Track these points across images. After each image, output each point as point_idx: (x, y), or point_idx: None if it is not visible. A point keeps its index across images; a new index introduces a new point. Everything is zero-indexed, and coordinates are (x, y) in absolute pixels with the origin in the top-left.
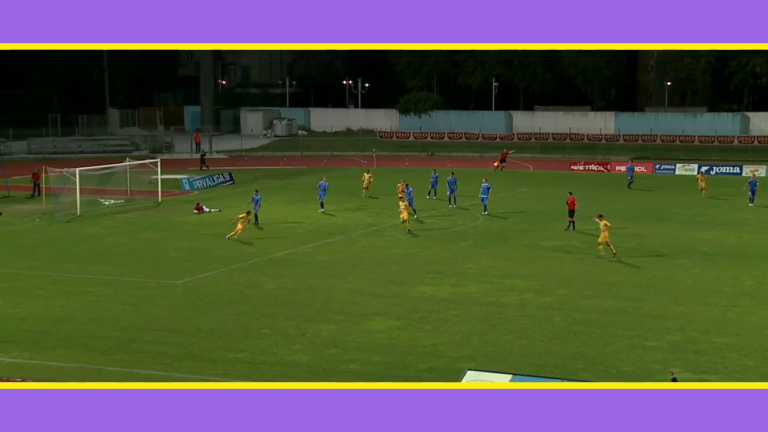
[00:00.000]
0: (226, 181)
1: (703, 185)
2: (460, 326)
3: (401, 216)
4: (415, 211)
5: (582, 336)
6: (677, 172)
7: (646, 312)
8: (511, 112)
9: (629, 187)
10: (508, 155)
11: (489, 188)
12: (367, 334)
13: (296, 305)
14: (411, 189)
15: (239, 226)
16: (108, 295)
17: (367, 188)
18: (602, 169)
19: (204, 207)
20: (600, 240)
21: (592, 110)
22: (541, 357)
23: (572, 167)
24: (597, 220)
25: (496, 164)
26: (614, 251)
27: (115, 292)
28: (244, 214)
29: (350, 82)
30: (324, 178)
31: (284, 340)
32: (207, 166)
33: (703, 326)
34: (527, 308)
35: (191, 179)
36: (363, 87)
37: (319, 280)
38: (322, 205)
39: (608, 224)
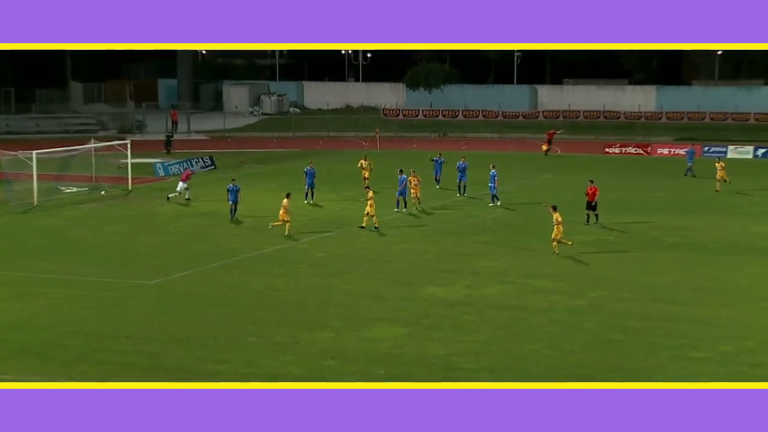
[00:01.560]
0: (207, 166)
1: (722, 175)
2: (477, 334)
3: (366, 209)
4: (406, 203)
5: (619, 345)
6: (729, 155)
7: (694, 317)
8: (536, 86)
9: (692, 175)
10: (554, 135)
11: (495, 176)
12: (369, 342)
13: (287, 309)
14: (405, 176)
15: (282, 214)
16: (70, 298)
17: (367, 178)
18: (641, 151)
19: (190, 176)
20: (553, 236)
21: (629, 84)
22: (571, 369)
23: (606, 150)
24: (551, 211)
25: (545, 147)
26: (556, 250)
27: (78, 294)
28: (285, 200)
29: (350, 51)
30: (311, 163)
31: (273, 349)
32: (170, 150)
33: (760, 334)
34: (555, 313)
35: (166, 164)
36: (365, 57)
37: (314, 280)
38: (310, 195)
39: (560, 219)
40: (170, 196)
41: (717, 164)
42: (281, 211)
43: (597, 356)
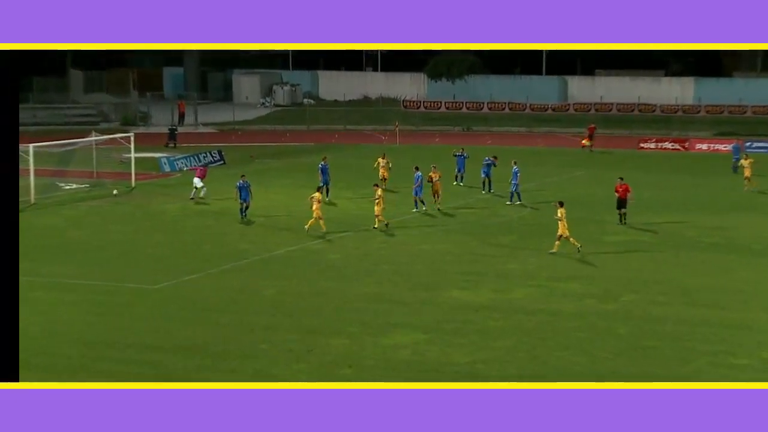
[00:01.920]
0: (215, 161)
1: (748, 174)
2: (503, 340)
3: (375, 208)
4: (423, 202)
5: (653, 352)
6: None
7: (733, 322)
8: (566, 77)
9: (735, 172)
10: (595, 131)
11: (518, 172)
12: (388, 349)
13: (301, 314)
14: (420, 174)
15: (315, 210)
16: (68, 303)
17: (384, 178)
18: (678, 147)
19: (204, 175)
20: (559, 232)
21: (666, 75)
22: (603, 377)
23: (641, 145)
24: (556, 205)
25: (585, 142)
26: (578, 245)
27: (78, 299)
28: (317, 194)
29: None
30: (324, 159)
31: (286, 357)
32: (175, 144)
33: None
34: (586, 318)
35: (172, 158)
36: None
37: (330, 284)
38: (325, 193)
39: (562, 215)
40: (192, 197)
41: (743, 161)
42: (315, 206)
43: (629, 363)
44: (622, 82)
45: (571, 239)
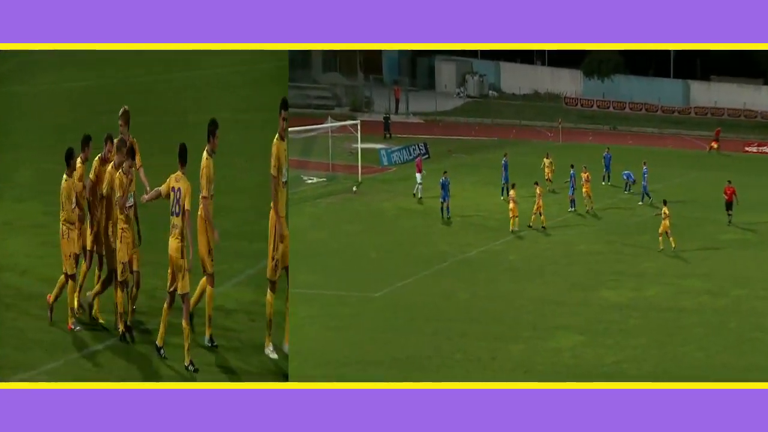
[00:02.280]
0: (421, 155)
1: None
2: (640, 338)
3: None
4: (572, 202)
5: (757, 344)
6: None
7: None
8: (689, 81)
9: None
10: (720, 134)
11: (646, 173)
12: (554, 353)
13: (488, 320)
14: (573, 172)
15: (512, 209)
16: (310, 318)
17: (549, 179)
18: None
19: (421, 169)
20: (660, 230)
21: (765, 83)
22: (716, 371)
23: (746, 149)
24: (662, 204)
25: (714, 145)
26: (673, 245)
27: (318, 313)
28: (512, 191)
29: None
30: (505, 155)
31: (476, 367)
32: (390, 134)
33: None
34: (703, 314)
35: (389, 150)
36: None
37: (510, 286)
38: (506, 190)
39: (667, 212)
40: (416, 193)
41: None
42: (512, 205)
43: (737, 356)
44: (731, 88)
45: (660, 238)
